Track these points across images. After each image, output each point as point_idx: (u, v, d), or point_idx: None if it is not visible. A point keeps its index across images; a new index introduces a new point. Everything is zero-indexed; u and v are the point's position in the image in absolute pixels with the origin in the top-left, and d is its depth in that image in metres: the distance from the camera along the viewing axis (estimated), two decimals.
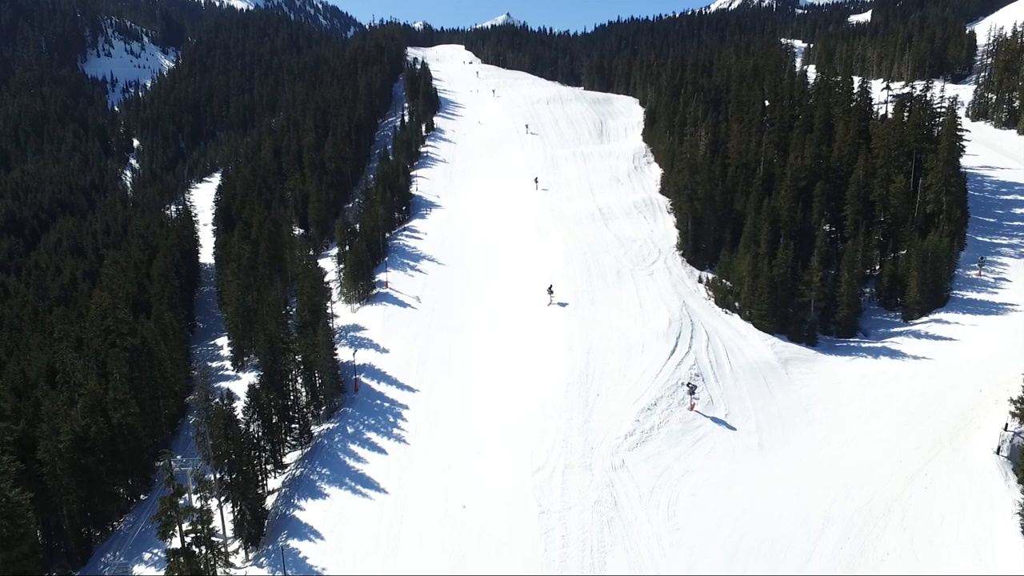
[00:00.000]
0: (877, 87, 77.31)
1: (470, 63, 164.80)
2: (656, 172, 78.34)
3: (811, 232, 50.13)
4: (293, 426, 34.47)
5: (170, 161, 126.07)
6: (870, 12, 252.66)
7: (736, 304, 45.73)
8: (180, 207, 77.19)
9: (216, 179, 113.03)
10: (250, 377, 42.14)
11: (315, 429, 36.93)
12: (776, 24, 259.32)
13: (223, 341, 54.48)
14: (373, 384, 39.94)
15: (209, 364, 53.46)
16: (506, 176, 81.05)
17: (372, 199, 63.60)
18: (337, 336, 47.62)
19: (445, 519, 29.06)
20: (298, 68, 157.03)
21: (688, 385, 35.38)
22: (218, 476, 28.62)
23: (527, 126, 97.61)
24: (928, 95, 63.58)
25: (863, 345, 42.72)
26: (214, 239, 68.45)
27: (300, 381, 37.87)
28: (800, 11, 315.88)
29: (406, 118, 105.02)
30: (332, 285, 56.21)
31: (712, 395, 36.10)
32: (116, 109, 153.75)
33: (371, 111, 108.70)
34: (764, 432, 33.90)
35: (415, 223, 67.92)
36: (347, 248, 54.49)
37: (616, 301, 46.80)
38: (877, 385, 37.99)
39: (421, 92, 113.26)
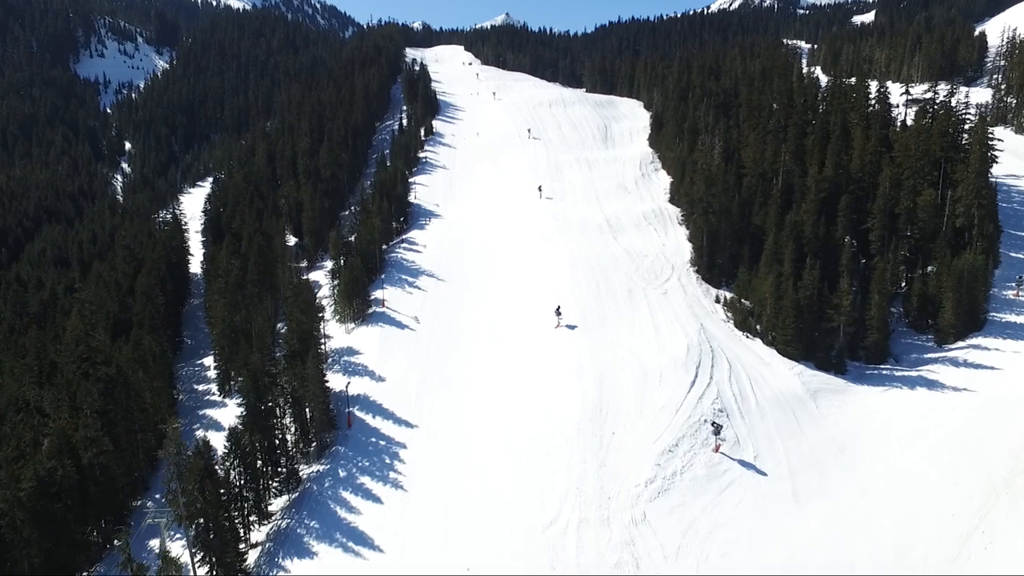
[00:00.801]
0: (895, 91, 74.30)
1: (470, 64, 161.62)
2: (664, 180, 75.30)
3: (834, 248, 47.11)
4: (280, 469, 31.42)
5: (163, 165, 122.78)
6: (873, 12, 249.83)
7: (758, 327, 42.67)
8: (171, 214, 74.01)
9: (210, 183, 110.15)
10: (236, 406, 39.02)
11: (304, 470, 33.82)
12: (779, 25, 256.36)
13: (211, 360, 51.35)
14: (368, 419, 36.83)
15: (195, 387, 50.40)
16: (508, 183, 77.93)
17: (368, 210, 60.46)
18: (330, 360, 44.58)
19: None
20: (294, 69, 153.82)
21: (713, 424, 32.29)
22: (192, 534, 25.54)
23: (529, 130, 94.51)
24: (953, 100, 60.70)
25: (896, 374, 39.66)
26: (203, 251, 65.30)
27: (288, 416, 34.77)
28: (802, 11, 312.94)
29: (404, 122, 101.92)
30: (325, 303, 53.14)
31: (738, 433, 33.03)
32: (108, 111, 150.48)
33: (368, 114, 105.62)
34: (797, 477, 30.85)
35: (414, 234, 64.78)
36: (341, 263, 51.37)
37: (628, 322, 43.74)
38: (915, 419, 34.98)
39: (420, 95, 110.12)
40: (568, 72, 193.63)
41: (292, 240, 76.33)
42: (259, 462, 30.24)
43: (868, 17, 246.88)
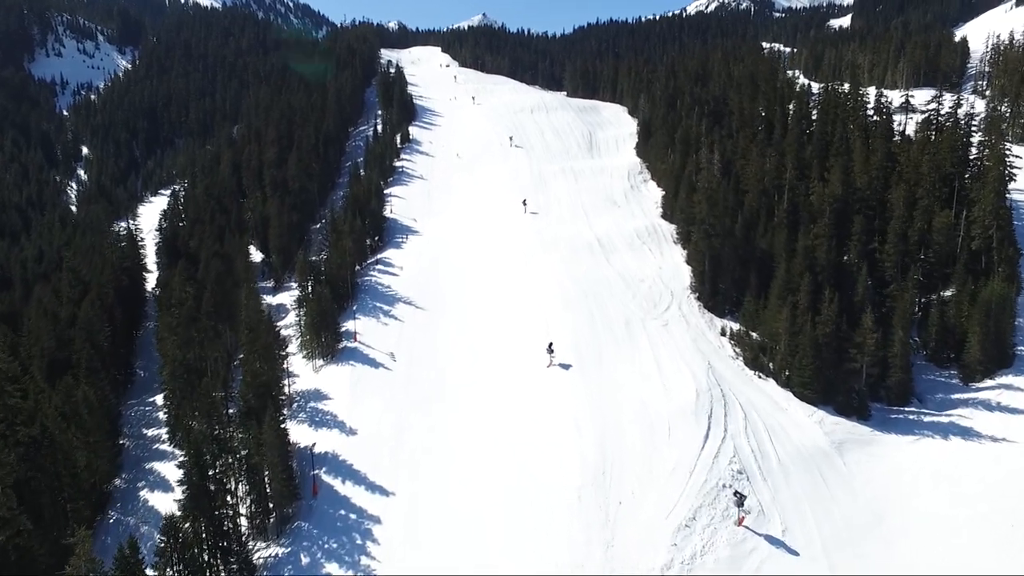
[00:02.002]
0: (894, 99, 71.32)
1: (447, 66, 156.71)
2: (655, 192, 71.50)
3: (847, 274, 43.49)
4: (230, 559, 26.57)
5: (122, 172, 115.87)
6: (849, 16, 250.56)
7: (770, 366, 38.78)
8: (126, 229, 67.76)
9: (168, 195, 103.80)
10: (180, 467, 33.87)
11: (261, 553, 28.92)
12: (757, 28, 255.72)
13: (163, 399, 46.03)
14: (336, 484, 32.05)
15: (144, 431, 45.04)
16: (490, 195, 73.48)
17: (339, 230, 55.42)
18: (295, 406, 39.69)
19: None
20: (264, 71, 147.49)
21: (736, 494, 28.16)
22: None
23: (511, 138, 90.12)
24: (959, 111, 57.75)
25: (924, 419, 36.03)
26: (157, 273, 59.70)
27: (243, 486, 29.88)
28: (778, 14, 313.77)
29: (379, 128, 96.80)
30: (291, 332, 48.19)
31: (761, 501, 28.97)
32: (65, 113, 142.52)
33: (341, 120, 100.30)
34: (832, 555, 26.87)
35: (389, 254, 59.92)
36: (309, 291, 46.41)
37: (628, 359, 39.56)
38: (955, 476, 31.37)
39: (396, 99, 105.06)
40: (548, 75, 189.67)
41: (259, 256, 71.09)
42: (204, 555, 25.37)
43: (844, 21, 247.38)
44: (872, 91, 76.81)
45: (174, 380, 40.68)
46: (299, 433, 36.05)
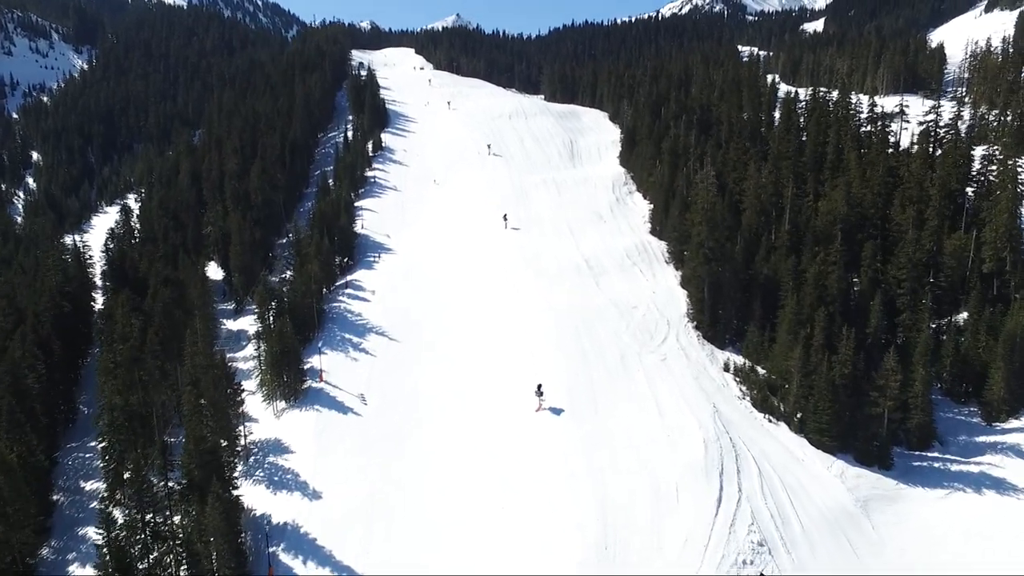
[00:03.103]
0: (884, 106, 68.77)
1: (421, 69, 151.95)
2: (641, 205, 68.08)
3: (853, 301, 40.33)
4: None
5: (75, 180, 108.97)
6: (823, 20, 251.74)
7: (781, 407, 35.35)
8: (72, 246, 61.78)
9: (131, 201, 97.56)
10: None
11: None
12: (732, 31, 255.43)
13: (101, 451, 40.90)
14: (297, 565, 27.58)
15: (82, 484, 39.94)
16: (468, 208, 69.28)
17: (304, 253, 50.65)
18: (252, 461, 35.12)
19: None
20: (229, 72, 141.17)
21: (760, 574, 24.49)
22: None
23: (489, 146, 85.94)
24: (959, 124, 55.37)
25: (951, 468, 32.84)
26: (102, 298, 54.29)
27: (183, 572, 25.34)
28: (751, 17, 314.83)
29: (350, 134, 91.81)
30: (251, 366, 43.50)
31: None
32: (14, 116, 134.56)
33: (310, 126, 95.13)
34: None
35: (360, 275, 55.35)
36: (269, 322, 41.75)
37: (624, 400, 35.81)
38: (988, 532, 28.23)
39: (367, 104, 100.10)
40: (524, 77, 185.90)
41: (220, 273, 65.94)
42: None
43: (817, 25, 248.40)
44: (864, 99, 74.59)
45: (113, 430, 35.76)
46: (255, 496, 31.58)
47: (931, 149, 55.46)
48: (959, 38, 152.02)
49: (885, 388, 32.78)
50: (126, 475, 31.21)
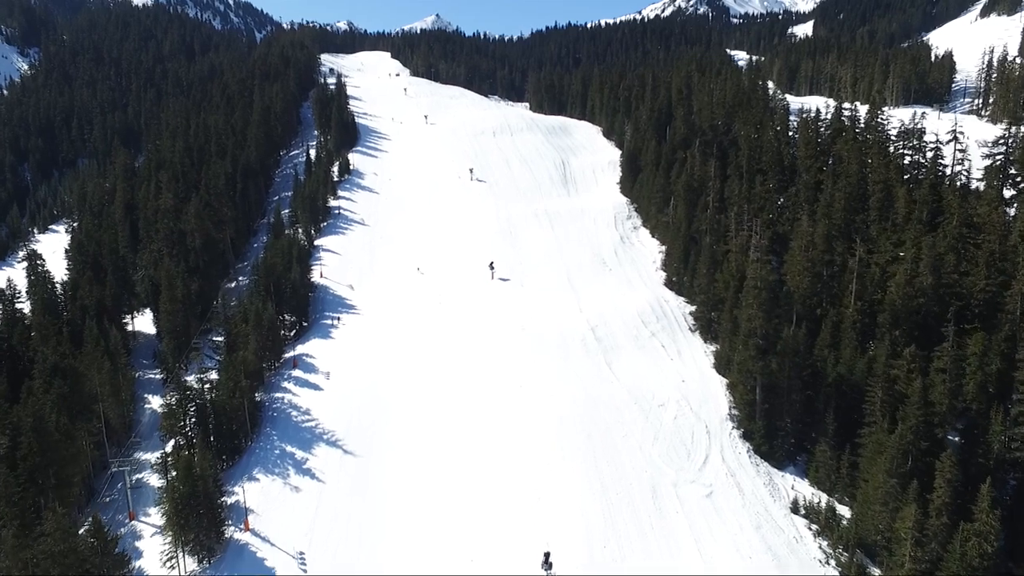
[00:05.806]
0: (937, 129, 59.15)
1: (397, 75, 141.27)
2: (651, 245, 58.48)
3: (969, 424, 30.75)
4: None
5: (4, 203, 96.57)
6: (811, 24, 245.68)
7: None
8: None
9: (61, 231, 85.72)
10: None
11: None
12: (721, 34, 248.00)
13: None
14: None
15: None
16: (447, 251, 59.17)
17: (236, 333, 39.74)
18: None
19: None
20: (187, 79, 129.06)
21: None
22: None
23: (471, 170, 75.91)
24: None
25: None
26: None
27: None
28: (735, 20, 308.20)
29: (314, 155, 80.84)
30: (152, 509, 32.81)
31: None
32: None
33: (269, 145, 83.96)
34: None
35: (313, 346, 44.77)
36: (179, 445, 31.02)
37: (658, 556, 25.91)
38: None
39: (334, 120, 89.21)
40: (508, 83, 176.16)
41: (151, 330, 54.98)
42: None
43: (805, 28, 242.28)
44: (894, 117, 65.44)
45: None
46: None
47: (1000, 187, 46.53)
48: (955, 43, 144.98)
49: None
50: None
